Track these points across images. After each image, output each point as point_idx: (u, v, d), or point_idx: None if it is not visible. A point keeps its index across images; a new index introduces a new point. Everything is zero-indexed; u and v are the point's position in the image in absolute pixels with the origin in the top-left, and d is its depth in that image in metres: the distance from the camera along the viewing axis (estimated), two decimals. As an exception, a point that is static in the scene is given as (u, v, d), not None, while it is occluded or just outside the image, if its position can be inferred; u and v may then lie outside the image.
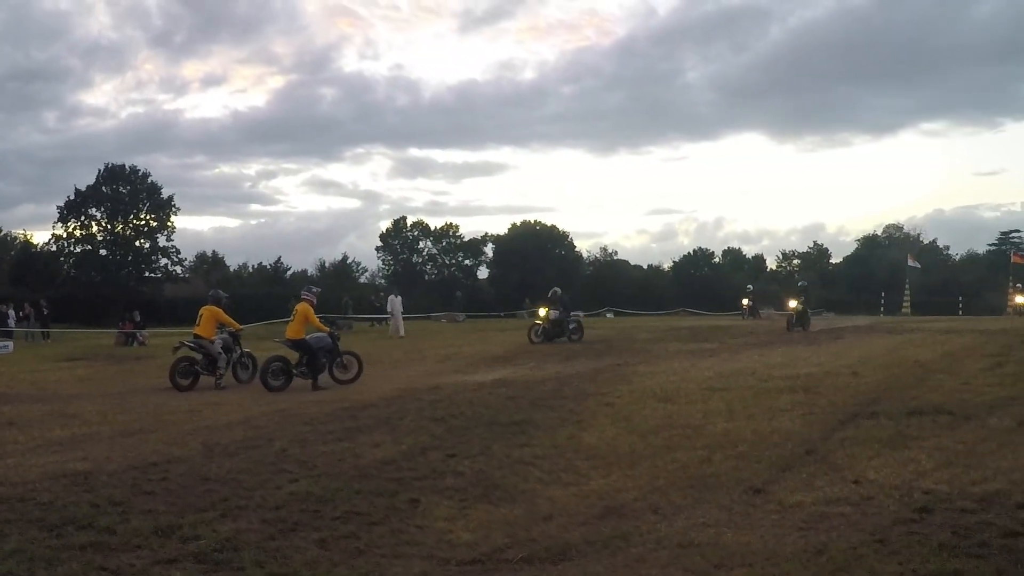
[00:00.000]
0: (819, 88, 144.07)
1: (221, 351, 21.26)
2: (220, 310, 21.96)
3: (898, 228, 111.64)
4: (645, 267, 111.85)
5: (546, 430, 13.59)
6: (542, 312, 35.29)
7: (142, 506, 9.16)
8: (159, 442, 13.08)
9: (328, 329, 21.71)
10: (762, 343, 29.83)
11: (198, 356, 21.30)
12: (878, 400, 15.23)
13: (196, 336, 21.37)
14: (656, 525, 8.39)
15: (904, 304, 67.34)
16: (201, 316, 21.71)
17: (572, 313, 35.73)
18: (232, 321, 22.21)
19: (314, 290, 22.41)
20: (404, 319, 44.90)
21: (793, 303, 38.37)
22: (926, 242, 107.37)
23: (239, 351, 22.11)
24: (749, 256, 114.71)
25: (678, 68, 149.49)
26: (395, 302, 44.34)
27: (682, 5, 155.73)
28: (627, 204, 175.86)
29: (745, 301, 55.56)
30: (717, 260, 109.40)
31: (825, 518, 8.47)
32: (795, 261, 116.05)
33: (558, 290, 35.64)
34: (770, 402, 15.32)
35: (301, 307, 21.54)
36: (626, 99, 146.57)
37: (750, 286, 59.29)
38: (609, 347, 30.00)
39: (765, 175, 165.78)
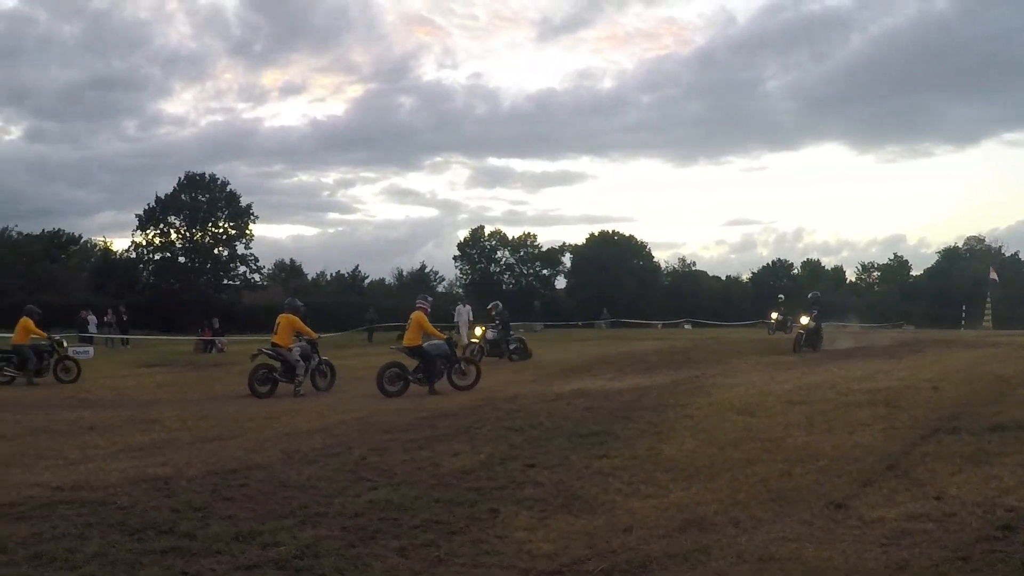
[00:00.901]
0: (900, 97, 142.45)
1: (299, 359, 21.52)
2: (297, 319, 22.27)
3: (979, 240, 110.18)
4: (723, 278, 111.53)
5: (625, 441, 13.48)
6: (478, 331, 34.08)
7: (222, 512, 9.24)
8: (238, 448, 13.23)
9: (444, 336, 22.75)
10: (842, 356, 29.44)
11: (276, 364, 21.57)
12: (959, 415, 14.90)
13: (274, 344, 21.65)
14: (737, 539, 8.28)
15: (985, 318, 65.86)
16: (278, 325, 22.05)
17: (511, 331, 34.05)
18: (308, 330, 22.55)
19: (428, 299, 23.25)
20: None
21: (804, 319, 33.26)
22: (1008, 255, 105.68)
23: (317, 359, 22.39)
24: (828, 268, 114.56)
25: (758, 77, 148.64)
26: (463, 312, 44.37)
27: (761, 13, 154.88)
28: (706, 214, 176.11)
29: (774, 314, 50.69)
30: (796, 272, 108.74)
31: (907, 534, 8.31)
32: (875, 273, 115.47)
33: (499, 304, 34.38)
34: (850, 416, 15.05)
35: (416, 315, 22.45)
36: (705, 108, 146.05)
37: (781, 296, 55.64)
38: (687, 358, 29.78)
39: (845, 185, 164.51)
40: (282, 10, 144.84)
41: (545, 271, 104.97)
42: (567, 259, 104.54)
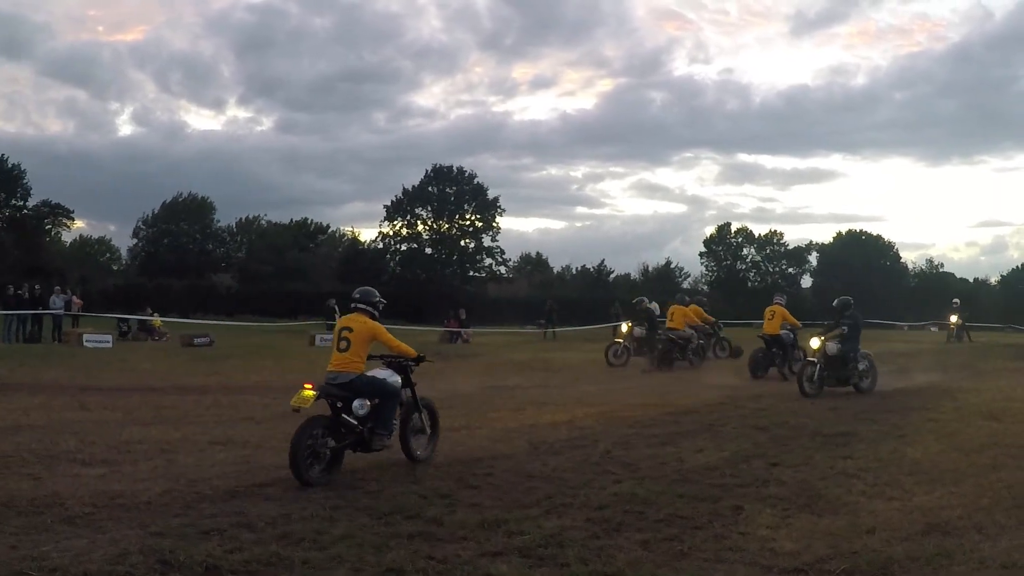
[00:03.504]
0: None
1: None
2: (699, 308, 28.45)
3: None
4: (971, 280, 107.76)
5: (869, 443, 13.53)
6: (624, 327, 31.36)
7: (468, 499, 9.57)
8: (484, 439, 13.68)
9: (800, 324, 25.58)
10: None
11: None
12: None
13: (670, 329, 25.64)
14: (979, 544, 8.15)
15: None
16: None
17: (674, 331, 29.05)
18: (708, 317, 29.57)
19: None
20: (727, 326, 44.75)
21: (816, 342, 20.97)
22: None
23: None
24: None
25: (1015, 75, 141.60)
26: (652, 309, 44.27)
27: (1019, 9, 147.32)
28: (956, 215, 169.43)
29: (953, 318, 47.43)
30: None
31: None
32: None
33: (644, 299, 31.93)
34: None
35: (778, 309, 25.06)
36: (960, 106, 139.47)
37: (956, 300, 50.60)
38: (937, 362, 29.49)
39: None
40: (533, 3, 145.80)
41: (791, 269, 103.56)
42: (813, 258, 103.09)
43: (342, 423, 10.98)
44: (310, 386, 10.93)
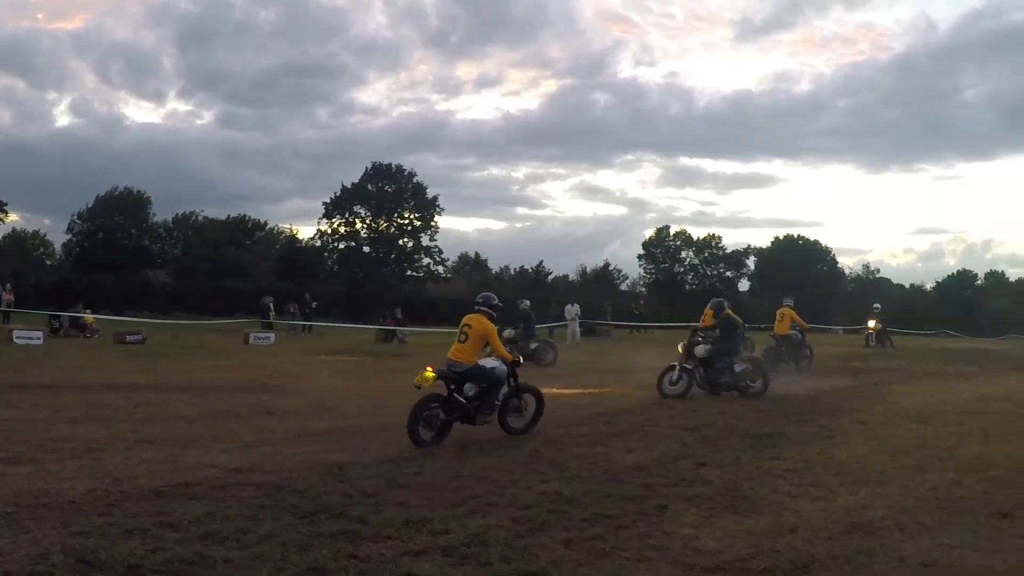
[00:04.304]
0: None
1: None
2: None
3: None
4: (907, 286, 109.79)
5: (797, 444, 13.72)
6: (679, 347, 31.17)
7: (395, 499, 9.56)
8: (416, 438, 13.61)
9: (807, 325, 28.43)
10: (1021, 368, 29.16)
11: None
12: None
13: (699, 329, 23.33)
14: (901, 543, 8.32)
15: None
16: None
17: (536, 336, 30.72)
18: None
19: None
20: (662, 328, 45.20)
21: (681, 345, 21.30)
22: None
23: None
24: (1012, 280, 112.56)
25: (957, 86, 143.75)
26: (571, 310, 44.74)
27: (963, 21, 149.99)
28: (895, 222, 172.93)
29: (871, 323, 46.92)
30: (980, 282, 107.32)
31: None
32: None
33: (527, 303, 31.40)
34: None
35: (787, 311, 27.86)
36: (902, 115, 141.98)
37: (877, 305, 49.65)
38: (867, 366, 30.05)
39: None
40: (480, 2, 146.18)
41: (729, 273, 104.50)
42: (751, 262, 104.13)
43: (453, 401, 13.58)
44: (431, 368, 13.57)
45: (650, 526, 8.77)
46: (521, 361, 14.96)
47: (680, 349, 20.25)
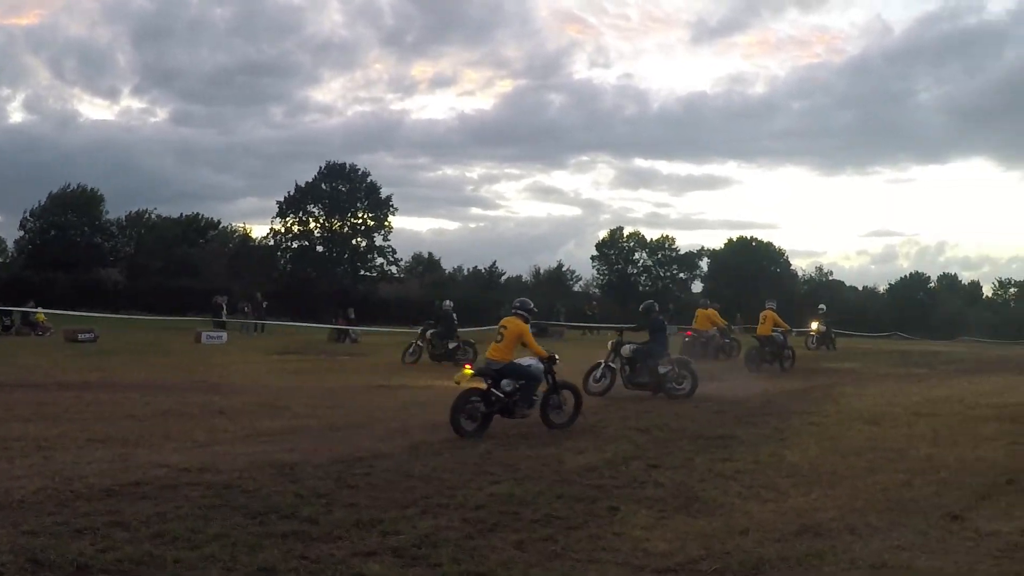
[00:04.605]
0: None
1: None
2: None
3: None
4: (860, 288, 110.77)
5: (749, 446, 13.79)
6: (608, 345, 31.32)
7: (345, 499, 9.55)
8: (366, 438, 13.65)
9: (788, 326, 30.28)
10: (973, 371, 29.31)
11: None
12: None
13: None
14: (851, 545, 8.41)
15: None
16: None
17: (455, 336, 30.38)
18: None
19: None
20: (616, 329, 45.46)
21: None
22: None
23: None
24: (965, 283, 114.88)
25: (911, 88, 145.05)
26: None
27: (917, 24, 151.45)
28: (848, 224, 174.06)
29: (815, 325, 47.06)
30: (932, 285, 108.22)
31: (1021, 548, 8.45)
32: (1011, 290, 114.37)
33: (449, 303, 31.93)
34: (976, 430, 15.30)
35: (769, 314, 29.11)
36: (856, 118, 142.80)
37: (822, 307, 49.96)
38: (819, 367, 30.02)
39: (990, 200, 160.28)
40: (436, 1, 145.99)
41: (682, 274, 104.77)
42: (704, 263, 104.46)
43: (492, 395, 14.80)
44: (469, 367, 15.20)
45: (601, 527, 8.82)
46: (557, 358, 15.79)
47: (609, 347, 20.95)
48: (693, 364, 21.23)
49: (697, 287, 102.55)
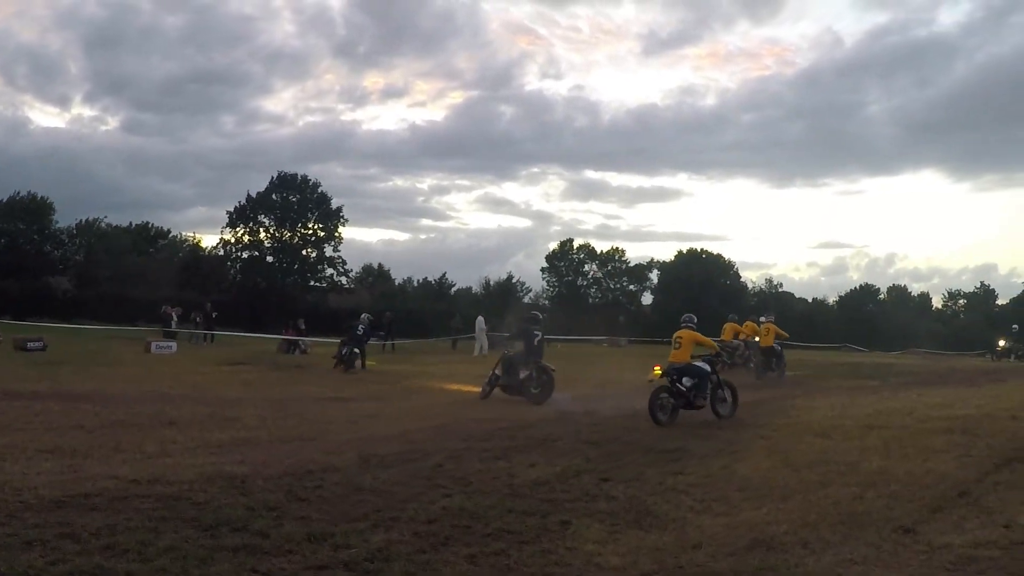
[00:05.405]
0: (1001, 126, 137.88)
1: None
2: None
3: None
4: (810, 300, 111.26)
5: (700, 459, 13.74)
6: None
7: (296, 512, 9.45)
8: (316, 450, 13.51)
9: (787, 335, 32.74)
10: (923, 383, 29.61)
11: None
12: (1036, 445, 14.93)
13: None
14: (804, 559, 8.40)
15: None
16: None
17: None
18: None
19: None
20: (565, 342, 45.68)
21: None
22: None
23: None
24: (915, 294, 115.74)
25: (861, 101, 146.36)
26: (480, 322, 46.38)
27: (868, 37, 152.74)
28: (798, 236, 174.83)
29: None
30: (882, 297, 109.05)
31: (973, 561, 8.44)
32: (960, 301, 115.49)
33: (367, 317, 34.66)
34: (926, 442, 15.20)
35: (771, 326, 31.56)
36: (806, 130, 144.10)
37: (763, 319, 48.94)
38: (769, 380, 30.15)
39: (940, 212, 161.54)
40: (388, 12, 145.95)
41: (632, 286, 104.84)
42: (654, 275, 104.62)
43: (676, 390, 18.25)
44: (658, 367, 18.80)
45: (553, 542, 8.78)
46: (722, 355, 20.54)
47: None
48: (553, 370, 22.53)
49: (647, 299, 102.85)
